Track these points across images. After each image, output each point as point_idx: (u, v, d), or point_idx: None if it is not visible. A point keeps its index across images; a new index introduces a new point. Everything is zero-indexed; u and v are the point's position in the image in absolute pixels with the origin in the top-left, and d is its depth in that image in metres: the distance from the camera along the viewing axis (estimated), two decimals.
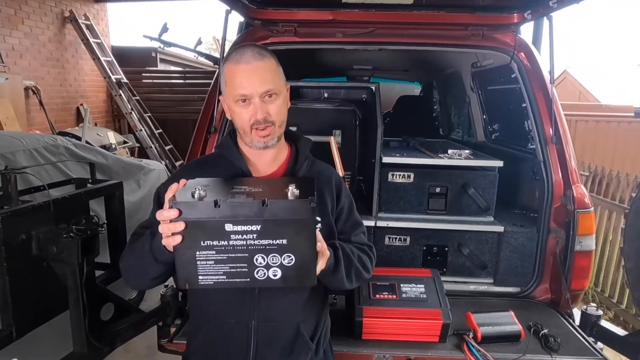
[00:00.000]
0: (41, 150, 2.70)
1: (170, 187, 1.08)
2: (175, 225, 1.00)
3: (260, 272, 1.03)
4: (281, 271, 1.03)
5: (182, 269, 1.03)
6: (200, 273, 1.03)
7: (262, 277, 1.03)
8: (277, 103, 1.25)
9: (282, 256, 1.02)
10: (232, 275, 1.03)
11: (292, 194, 1.00)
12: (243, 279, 1.03)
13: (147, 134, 7.11)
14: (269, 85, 1.23)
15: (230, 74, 1.25)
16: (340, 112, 2.58)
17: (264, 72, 1.23)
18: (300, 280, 1.06)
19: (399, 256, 2.44)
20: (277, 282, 1.04)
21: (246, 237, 1.00)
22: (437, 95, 4.39)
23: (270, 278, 1.03)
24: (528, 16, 2.14)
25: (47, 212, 1.80)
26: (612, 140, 6.88)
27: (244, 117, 1.24)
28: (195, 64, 10.63)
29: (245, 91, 1.22)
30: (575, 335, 1.97)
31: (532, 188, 2.46)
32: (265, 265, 1.02)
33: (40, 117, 6.15)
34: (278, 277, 1.03)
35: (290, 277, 1.04)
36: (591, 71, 10.49)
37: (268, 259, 1.02)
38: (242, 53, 1.24)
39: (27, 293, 1.76)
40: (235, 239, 1.00)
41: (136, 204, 3.22)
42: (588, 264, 2.15)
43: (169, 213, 1.00)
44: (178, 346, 1.90)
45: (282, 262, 1.02)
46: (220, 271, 1.03)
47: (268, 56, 1.26)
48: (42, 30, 6.41)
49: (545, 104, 2.23)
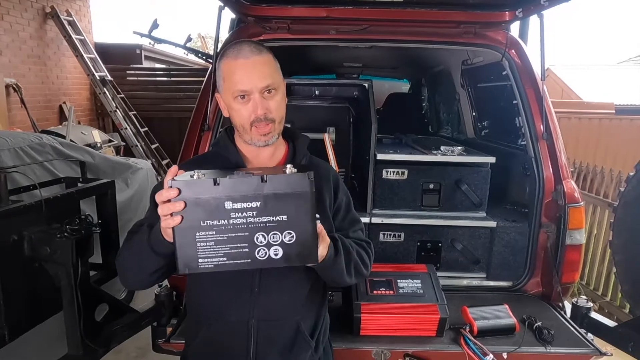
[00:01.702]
0: (27, 149, 2.64)
1: (169, 170, 1.06)
2: (174, 204, 0.99)
3: (262, 252, 1.02)
4: (282, 249, 1.03)
5: (181, 253, 1.01)
6: (200, 256, 1.01)
7: (263, 257, 1.02)
8: (276, 99, 1.24)
9: (283, 233, 1.02)
10: (232, 256, 1.02)
11: (289, 170, 1.01)
12: (244, 259, 1.02)
13: (133, 132, 7.00)
14: (268, 80, 1.22)
15: (228, 70, 1.23)
16: (334, 109, 2.58)
17: (262, 67, 1.22)
18: (302, 258, 1.05)
19: (394, 252, 2.46)
20: (278, 261, 1.03)
21: (246, 215, 1.00)
22: (426, 93, 4.42)
23: (272, 257, 1.03)
24: (519, 14, 2.17)
25: (38, 212, 1.76)
26: (595, 136, 7.04)
27: (244, 114, 1.23)
28: (181, 61, 10.50)
29: (245, 86, 1.20)
30: (567, 327, 2.01)
31: (523, 183, 2.50)
32: (266, 244, 1.02)
33: (21, 115, 6.01)
34: (279, 255, 1.03)
35: (291, 255, 1.03)
36: (573, 69, 10.69)
37: (269, 237, 1.02)
38: (240, 48, 1.23)
39: (19, 295, 1.72)
40: (235, 217, 1.00)
41: (125, 203, 3.18)
42: (578, 258, 2.20)
43: (168, 192, 0.99)
44: (175, 346, 1.88)
45: (283, 240, 1.02)
46: (221, 252, 1.01)
47: (265, 51, 1.25)
48: (23, 27, 6.25)
49: (536, 100, 2.26)
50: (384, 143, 2.85)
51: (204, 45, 11.52)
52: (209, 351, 1.34)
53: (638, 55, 13.71)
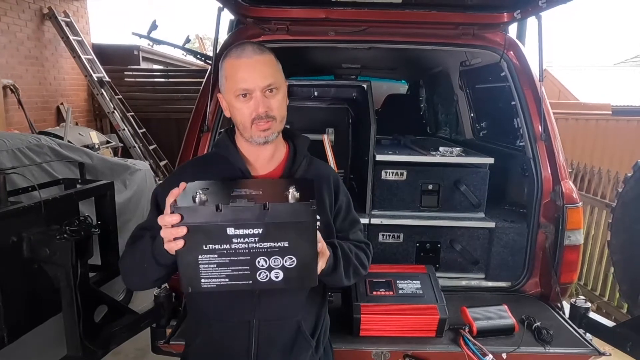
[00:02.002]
0: (25, 150, 2.63)
1: (171, 191, 1.07)
2: (177, 230, 1.00)
3: (262, 275, 1.04)
4: (283, 273, 1.04)
5: (184, 273, 1.03)
6: (203, 277, 1.03)
7: (264, 280, 1.04)
8: (278, 98, 1.26)
9: (284, 258, 1.03)
10: (234, 278, 1.03)
11: (292, 196, 1.01)
12: (245, 281, 1.04)
13: (130, 133, 6.99)
14: (270, 79, 1.23)
15: (231, 69, 1.25)
16: (332, 110, 2.59)
17: (265, 66, 1.24)
18: (301, 282, 1.07)
19: (393, 253, 2.46)
20: (279, 283, 1.04)
21: (248, 241, 1.01)
22: (425, 94, 4.44)
23: (272, 280, 1.04)
24: (517, 15, 2.18)
25: (38, 213, 1.75)
26: (591, 137, 7.07)
27: (245, 112, 1.24)
28: (179, 62, 10.50)
29: (247, 85, 1.22)
30: (566, 327, 2.02)
31: (521, 184, 2.51)
32: (267, 268, 1.03)
33: (18, 116, 5.98)
34: (280, 279, 1.04)
35: (292, 278, 1.04)
36: (570, 70, 10.75)
37: (270, 261, 1.03)
38: (243, 48, 1.25)
39: (18, 296, 1.71)
40: (237, 242, 1.01)
41: (123, 204, 3.17)
42: (577, 258, 2.21)
43: (171, 218, 1.00)
44: (174, 347, 1.88)
45: (284, 264, 1.03)
46: (223, 274, 1.03)
47: (268, 52, 1.27)
48: (20, 28, 6.23)
49: (535, 101, 2.27)
50: (383, 144, 2.86)
51: (202, 46, 11.53)
52: (210, 352, 1.34)
53: (634, 57, 13.79)
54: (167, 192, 1.22)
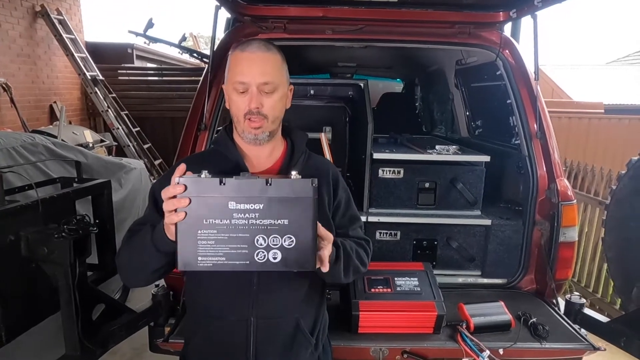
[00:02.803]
0: (19, 149, 2.62)
1: (177, 168, 1.08)
2: (180, 200, 1.01)
3: (261, 254, 1.04)
4: (281, 253, 1.04)
5: (182, 250, 1.03)
6: (200, 254, 1.03)
7: (261, 260, 1.04)
8: (273, 98, 1.26)
9: (283, 237, 1.04)
10: (232, 257, 1.04)
11: (295, 176, 1.04)
12: (243, 261, 1.04)
13: (125, 132, 6.94)
14: (268, 77, 1.23)
15: (234, 61, 1.26)
16: (330, 108, 2.60)
17: (265, 63, 1.24)
18: (299, 264, 1.07)
19: (390, 251, 2.47)
20: (276, 265, 1.05)
21: (248, 216, 1.02)
22: (420, 93, 4.45)
23: (270, 261, 1.04)
24: (513, 14, 2.20)
25: (35, 212, 1.74)
26: (584, 135, 7.13)
27: (240, 105, 1.25)
28: (173, 60, 10.44)
29: (244, 78, 1.23)
30: (562, 323, 2.04)
31: (516, 182, 2.53)
32: (266, 247, 1.04)
33: (11, 115, 5.93)
34: (278, 259, 1.04)
35: (289, 260, 1.05)
36: (563, 69, 10.82)
37: (269, 240, 1.04)
38: (250, 43, 1.26)
39: (16, 295, 1.71)
40: (238, 217, 1.02)
41: (119, 203, 3.16)
42: (571, 255, 2.23)
43: (175, 189, 1.02)
44: (173, 345, 1.88)
45: (283, 244, 1.04)
46: (220, 252, 1.03)
47: (274, 50, 1.27)
48: (12, 26, 6.16)
49: (530, 100, 2.29)
50: (380, 142, 2.87)
51: (196, 44, 11.47)
52: (209, 349, 1.34)
53: (626, 56, 13.92)
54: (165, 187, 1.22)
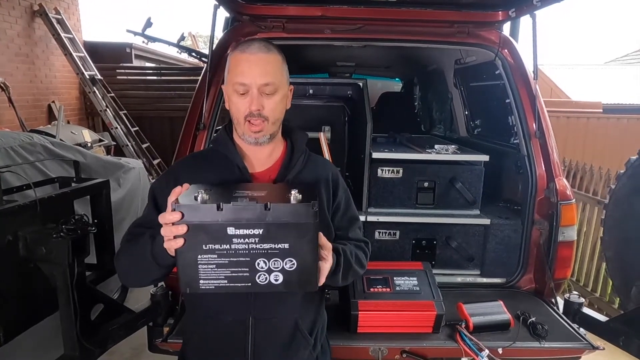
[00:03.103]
0: (18, 149, 2.61)
1: (173, 190, 1.07)
2: (177, 228, 1.00)
3: (262, 277, 1.03)
4: (282, 276, 1.04)
5: (183, 274, 1.03)
6: (202, 277, 1.02)
7: (263, 282, 1.04)
8: (274, 99, 1.25)
9: (284, 260, 1.03)
10: (233, 279, 1.03)
11: (294, 198, 1.01)
12: (244, 283, 1.04)
13: (123, 131, 6.93)
14: (269, 78, 1.23)
15: (234, 62, 1.25)
16: (329, 108, 2.59)
17: (266, 64, 1.24)
18: (301, 286, 1.07)
19: (389, 250, 2.47)
20: (278, 287, 1.04)
21: (248, 241, 1.01)
22: (419, 92, 4.45)
23: (272, 283, 1.04)
24: (512, 14, 2.20)
25: (33, 212, 1.74)
26: (582, 135, 7.15)
27: (240, 107, 1.24)
28: (172, 60, 10.42)
29: (245, 80, 1.22)
30: (561, 322, 2.04)
31: (515, 181, 2.53)
32: (267, 270, 1.03)
33: (9, 114, 5.91)
34: (279, 282, 1.04)
35: (291, 282, 1.04)
36: (562, 69, 10.85)
37: (270, 263, 1.02)
38: (250, 43, 1.25)
39: (14, 295, 1.70)
40: (238, 242, 1.01)
41: (117, 203, 3.15)
42: (570, 254, 2.23)
43: (172, 216, 1.00)
44: (172, 345, 1.88)
45: (284, 267, 1.03)
46: (222, 275, 1.03)
47: (275, 51, 1.26)
48: (10, 25, 6.15)
49: (529, 99, 2.29)
50: (378, 142, 2.87)
51: (195, 44, 11.46)
52: (207, 349, 1.34)
53: (624, 55, 13.94)
54: (164, 187, 1.22)
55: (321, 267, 1.10)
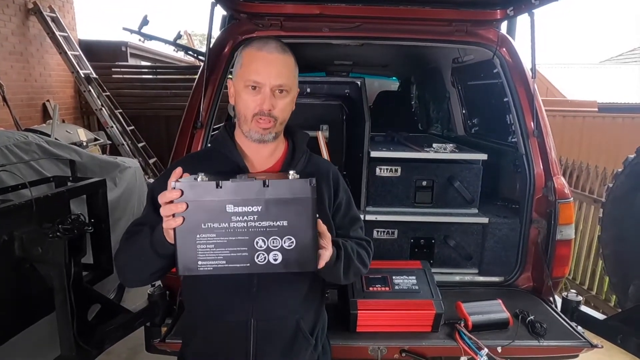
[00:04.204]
0: (12, 148, 2.58)
1: (173, 172, 1.07)
2: (177, 205, 1.00)
3: (261, 256, 1.03)
4: (282, 255, 1.03)
5: (181, 255, 1.02)
6: (200, 258, 1.02)
7: (262, 262, 1.03)
8: (285, 100, 1.25)
9: (283, 239, 1.03)
10: (232, 260, 1.03)
11: (292, 176, 1.02)
12: (243, 263, 1.03)
13: (119, 131, 6.89)
14: (283, 79, 1.22)
15: (248, 58, 1.24)
16: (327, 107, 2.58)
17: (282, 65, 1.23)
18: (300, 265, 1.06)
19: (387, 249, 2.47)
20: (277, 266, 1.04)
21: (247, 219, 1.01)
22: (416, 91, 4.45)
23: (271, 262, 1.03)
24: (510, 12, 2.20)
25: (29, 211, 1.71)
26: (578, 134, 7.18)
27: (250, 104, 1.23)
28: (168, 58, 10.38)
29: (260, 78, 1.21)
30: (559, 320, 2.05)
31: (513, 180, 2.54)
32: (266, 249, 1.02)
33: (3, 113, 5.86)
34: (279, 261, 1.03)
35: (290, 261, 1.04)
36: (557, 68, 10.90)
37: (269, 242, 1.02)
38: (267, 42, 1.24)
39: (10, 296, 1.68)
40: (236, 220, 1.01)
41: (113, 202, 3.12)
42: (568, 252, 2.24)
43: (171, 194, 1.00)
44: (170, 345, 1.87)
45: (283, 245, 1.03)
46: (220, 256, 1.02)
47: (289, 53, 1.26)
48: (4, 23, 6.09)
49: (527, 98, 2.30)
50: (376, 140, 2.86)
51: (191, 42, 11.42)
52: (208, 351, 1.33)
53: (619, 55, 14.03)
54: (164, 187, 1.21)
55: (321, 254, 1.09)
